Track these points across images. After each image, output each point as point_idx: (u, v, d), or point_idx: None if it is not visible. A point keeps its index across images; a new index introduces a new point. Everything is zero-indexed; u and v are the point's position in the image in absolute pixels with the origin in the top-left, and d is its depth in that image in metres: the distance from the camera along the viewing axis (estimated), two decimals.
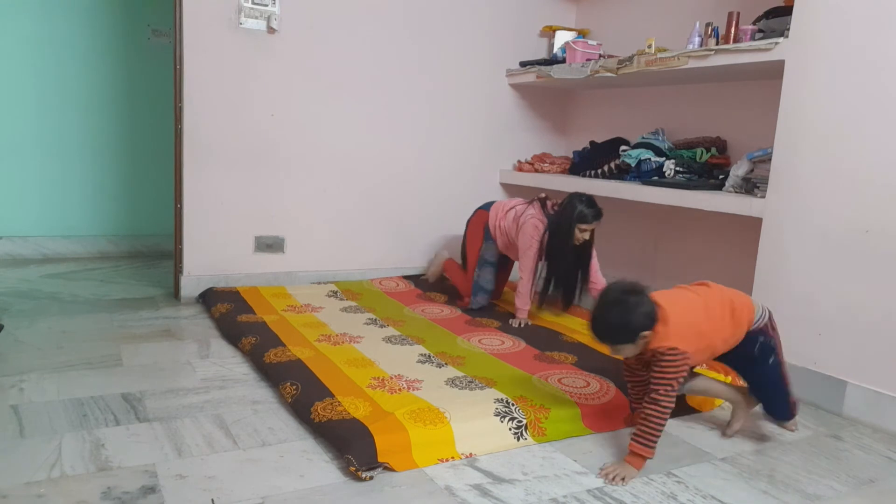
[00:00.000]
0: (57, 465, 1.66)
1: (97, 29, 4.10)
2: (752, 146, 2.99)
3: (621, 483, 1.75)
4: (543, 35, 4.11)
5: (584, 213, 2.88)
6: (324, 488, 1.64)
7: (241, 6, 3.20)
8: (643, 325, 1.79)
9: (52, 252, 4.14)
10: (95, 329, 2.76)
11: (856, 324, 2.29)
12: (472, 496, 1.65)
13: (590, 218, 2.89)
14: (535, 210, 3.08)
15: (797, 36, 2.43)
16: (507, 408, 2.03)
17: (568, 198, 2.96)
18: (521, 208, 3.17)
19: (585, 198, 2.92)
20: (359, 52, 3.54)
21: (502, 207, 3.27)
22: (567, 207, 2.92)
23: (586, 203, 2.90)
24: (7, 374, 2.22)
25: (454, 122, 3.91)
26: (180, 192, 3.23)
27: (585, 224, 2.90)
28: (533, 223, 3.03)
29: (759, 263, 2.57)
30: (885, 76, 2.19)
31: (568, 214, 2.90)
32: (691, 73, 3.02)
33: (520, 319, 3.06)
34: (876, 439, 2.15)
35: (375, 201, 3.74)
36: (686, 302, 1.93)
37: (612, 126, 3.93)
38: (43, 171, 4.08)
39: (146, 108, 4.27)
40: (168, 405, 2.05)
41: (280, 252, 3.51)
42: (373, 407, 1.99)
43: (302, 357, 2.40)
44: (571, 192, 2.98)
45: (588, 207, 2.89)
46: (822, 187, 2.37)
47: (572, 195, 2.95)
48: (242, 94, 3.28)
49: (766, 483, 1.81)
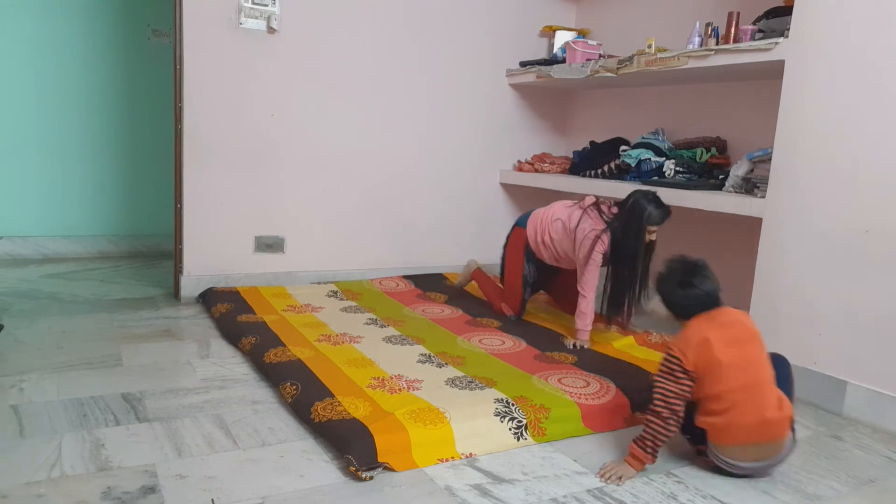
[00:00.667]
0: (57, 465, 1.66)
1: (97, 29, 4.10)
2: (752, 146, 2.99)
3: (618, 482, 1.75)
4: (543, 35, 4.11)
5: (652, 214, 2.59)
6: (324, 488, 1.64)
7: (241, 6, 3.20)
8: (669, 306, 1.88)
9: (52, 252, 4.14)
10: (95, 329, 2.76)
11: (856, 324, 2.28)
12: (472, 496, 1.65)
13: (660, 218, 2.62)
14: (594, 220, 2.75)
15: (797, 36, 2.43)
16: (507, 408, 2.03)
17: (632, 197, 2.65)
18: (566, 214, 2.86)
19: (652, 196, 2.63)
20: (359, 52, 3.54)
21: (545, 217, 2.97)
22: (634, 209, 2.62)
23: (654, 202, 2.61)
24: (7, 374, 2.22)
25: (454, 122, 3.91)
26: (180, 192, 3.23)
27: (654, 226, 2.63)
28: (596, 237, 2.70)
29: (759, 263, 2.57)
30: (885, 76, 2.19)
31: (637, 216, 2.60)
32: (691, 73, 3.02)
33: (580, 341, 2.75)
34: (876, 439, 2.15)
35: (375, 201, 3.74)
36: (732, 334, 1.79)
37: (612, 126, 3.93)
38: (43, 171, 4.08)
39: (146, 108, 4.27)
40: (168, 405, 2.05)
41: (280, 252, 3.51)
42: (373, 407, 1.99)
43: (302, 357, 2.40)
44: (635, 190, 2.68)
45: (657, 207, 2.61)
46: (822, 187, 2.37)
47: (637, 194, 2.65)
48: (242, 94, 3.28)
49: (766, 483, 1.81)
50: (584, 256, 2.73)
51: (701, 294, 1.82)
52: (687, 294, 1.83)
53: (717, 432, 1.77)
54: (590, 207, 2.81)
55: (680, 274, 1.86)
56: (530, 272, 3.07)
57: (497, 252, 3.74)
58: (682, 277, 1.85)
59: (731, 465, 1.78)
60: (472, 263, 3.50)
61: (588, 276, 2.75)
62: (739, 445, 1.75)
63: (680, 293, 1.84)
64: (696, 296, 1.82)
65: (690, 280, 1.83)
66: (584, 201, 2.87)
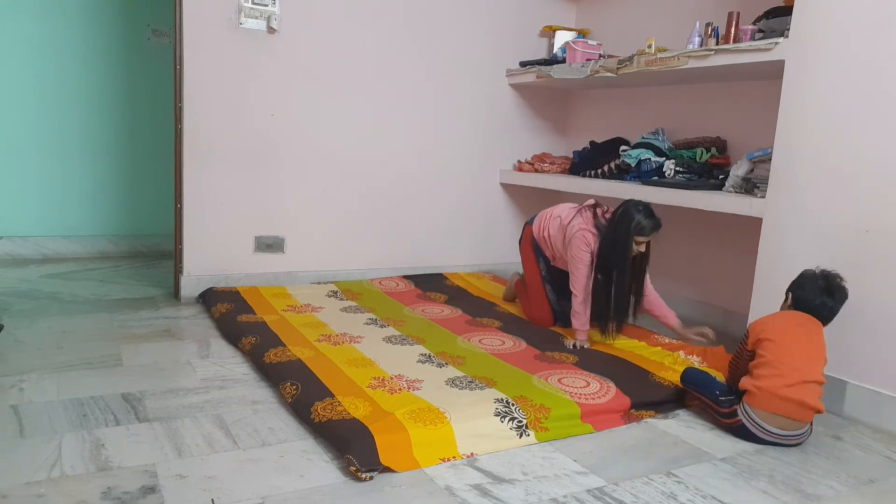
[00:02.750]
0: (57, 465, 1.66)
1: (97, 29, 4.10)
2: (752, 146, 2.99)
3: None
4: (543, 35, 4.11)
5: (641, 224, 2.57)
6: (324, 488, 1.64)
7: (241, 6, 3.20)
8: (797, 290, 2.22)
9: (52, 252, 4.14)
10: (95, 329, 2.76)
11: (856, 324, 2.28)
12: (472, 496, 1.65)
13: (648, 230, 2.59)
14: (585, 219, 2.77)
15: (797, 36, 2.43)
16: (507, 408, 2.03)
17: (623, 206, 2.64)
18: (566, 215, 2.87)
19: (643, 206, 2.61)
20: (359, 52, 3.54)
21: (549, 214, 3.00)
22: (623, 217, 2.61)
23: (644, 213, 2.59)
24: (7, 374, 2.22)
25: (454, 122, 3.91)
26: (180, 192, 3.23)
27: (643, 237, 2.60)
28: (582, 235, 2.72)
29: (759, 263, 2.57)
30: (885, 76, 2.19)
31: (624, 225, 2.59)
32: (691, 73, 3.02)
33: (578, 341, 2.74)
34: (876, 439, 2.15)
35: (375, 201, 3.74)
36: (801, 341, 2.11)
37: (612, 126, 3.93)
38: (43, 171, 4.08)
39: (146, 108, 4.27)
40: (168, 405, 2.05)
41: (280, 252, 3.51)
42: (373, 407, 1.99)
43: (302, 357, 2.40)
44: (627, 200, 2.67)
45: (646, 218, 2.58)
46: (822, 187, 2.37)
47: (628, 203, 2.64)
48: (242, 94, 3.28)
49: (766, 483, 1.81)
50: (573, 254, 2.75)
51: (830, 307, 2.15)
52: (822, 300, 2.15)
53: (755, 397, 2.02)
54: (585, 208, 2.84)
55: (831, 283, 2.17)
56: (543, 267, 3.06)
57: (497, 252, 3.77)
58: (830, 286, 2.16)
59: (759, 426, 2.02)
60: (514, 275, 3.47)
61: (577, 275, 2.74)
62: (770, 412, 2.01)
63: (820, 295, 2.15)
64: (825, 304, 2.15)
65: (833, 293, 2.15)
66: (585, 203, 2.88)
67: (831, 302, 2.14)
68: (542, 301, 3.06)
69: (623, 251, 2.61)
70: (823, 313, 2.15)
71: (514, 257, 4.21)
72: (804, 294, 2.18)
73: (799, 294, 2.19)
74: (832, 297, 2.15)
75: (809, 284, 2.18)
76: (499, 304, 3.41)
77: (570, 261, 2.78)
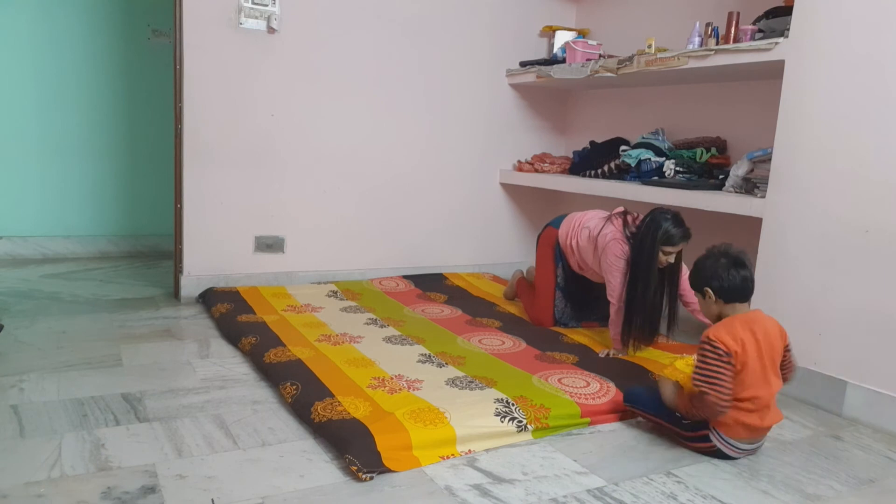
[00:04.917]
0: (57, 465, 1.66)
1: (97, 29, 4.10)
2: (752, 146, 2.99)
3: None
4: (543, 35, 4.11)
5: (669, 234, 2.50)
6: (324, 488, 1.64)
7: (241, 6, 3.20)
8: (711, 281, 1.94)
9: (52, 252, 4.14)
10: (95, 329, 2.76)
11: (856, 324, 2.28)
12: (472, 496, 1.65)
13: (676, 239, 2.52)
14: (615, 228, 2.71)
15: (797, 36, 2.43)
16: (507, 408, 2.03)
17: (650, 215, 2.57)
18: (594, 225, 2.80)
19: (671, 215, 2.53)
20: (359, 52, 3.54)
21: (578, 222, 2.91)
22: (650, 226, 2.54)
23: (672, 221, 2.51)
24: (7, 374, 2.22)
25: (454, 122, 3.91)
26: (180, 192, 3.23)
27: (671, 246, 2.52)
28: (615, 245, 2.66)
29: (759, 263, 2.57)
30: (885, 76, 2.19)
31: (651, 235, 2.52)
32: (691, 73, 3.02)
33: (613, 350, 2.68)
34: (876, 439, 2.15)
35: (376, 201, 3.74)
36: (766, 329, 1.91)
37: (612, 126, 3.93)
38: (43, 171, 4.08)
39: (146, 108, 4.27)
40: (168, 405, 2.05)
41: (280, 252, 3.51)
42: (373, 407, 1.99)
43: (302, 357, 2.40)
44: (654, 208, 2.61)
45: (675, 227, 2.51)
46: (822, 187, 2.37)
47: (655, 212, 2.57)
48: (242, 94, 3.28)
49: (766, 483, 1.81)
50: (608, 262, 2.68)
51: (749, 277, 1.94)
52: (740, 274, 1.92)
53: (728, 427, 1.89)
54: (615, 216, 2.77)
55: (731, 255, 1.96)
56: (560, 274, 3.01)
57: (497, 252, 3.76)
58: (734, 258, 1.95)
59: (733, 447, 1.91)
60: (517, 273, 3.46)
61: (613, 283, 2.67)
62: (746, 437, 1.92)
63: (733, 272, 1.92)
64: (745, 277, 1.93)
65: (743, 262, 1.94)
66: (615, 211, 2.82)
67: (746, 272, 1.93)
68: (548, 305, 3.05)
69: (650, 261, 2.52)
70: (749, 287, 1.94)
71: (513, 257, 4.22)
72: (722, 282, 1.93)
73: (717, 285, 1.93)
74: (744, 266, 1.94)
75: (720, 270, 1.93)
76: (499, 304, 3.41)
77: (604, 270, 2.71)
